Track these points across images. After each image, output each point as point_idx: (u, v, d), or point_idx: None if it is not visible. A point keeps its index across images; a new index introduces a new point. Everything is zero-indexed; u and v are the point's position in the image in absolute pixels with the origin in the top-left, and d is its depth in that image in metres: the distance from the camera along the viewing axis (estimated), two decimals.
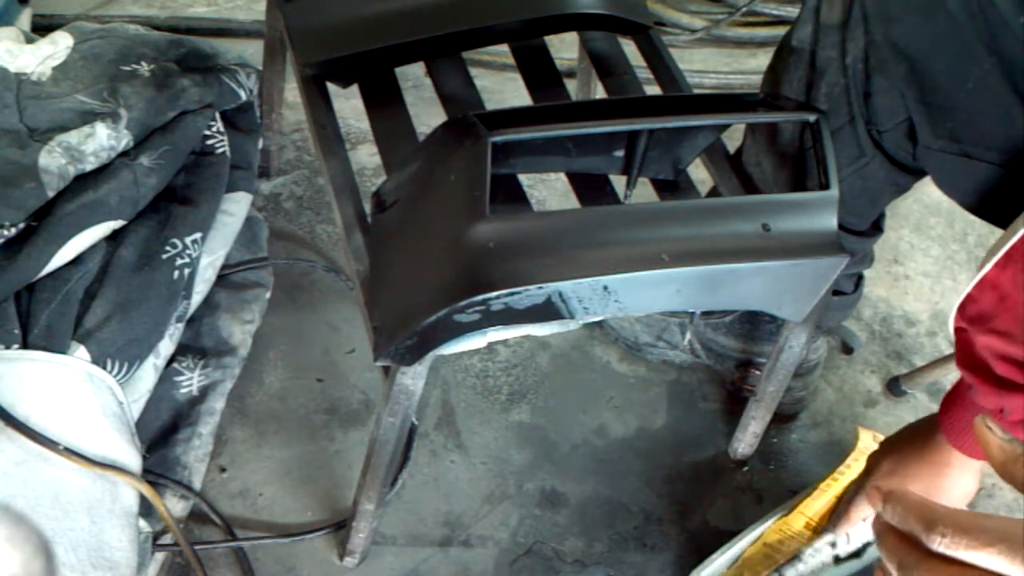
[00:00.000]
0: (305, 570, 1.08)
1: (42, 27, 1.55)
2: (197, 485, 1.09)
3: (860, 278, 1.20)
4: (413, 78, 1.54)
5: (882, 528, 0.54)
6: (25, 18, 1.46)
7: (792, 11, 1.84)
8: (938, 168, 0.93)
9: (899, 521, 0.52)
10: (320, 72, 1.02)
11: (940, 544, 0.50)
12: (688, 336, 1.27)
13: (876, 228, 1.11)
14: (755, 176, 1.07)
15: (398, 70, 1.05)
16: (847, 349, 1.35)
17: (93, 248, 1.05)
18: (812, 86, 0.98)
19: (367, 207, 0.93)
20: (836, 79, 0.95)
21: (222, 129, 1.20)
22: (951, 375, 1.31)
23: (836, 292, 1.17)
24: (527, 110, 0.86)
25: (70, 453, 0.94)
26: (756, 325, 1.23)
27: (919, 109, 0.90)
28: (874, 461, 1.03)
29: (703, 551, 1.07)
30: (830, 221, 0.84)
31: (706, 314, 1.25)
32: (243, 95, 1.21)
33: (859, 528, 1.05)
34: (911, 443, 1.00)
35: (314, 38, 1.01)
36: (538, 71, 1.10)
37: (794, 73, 1.00)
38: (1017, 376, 0.69)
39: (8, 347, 0.96)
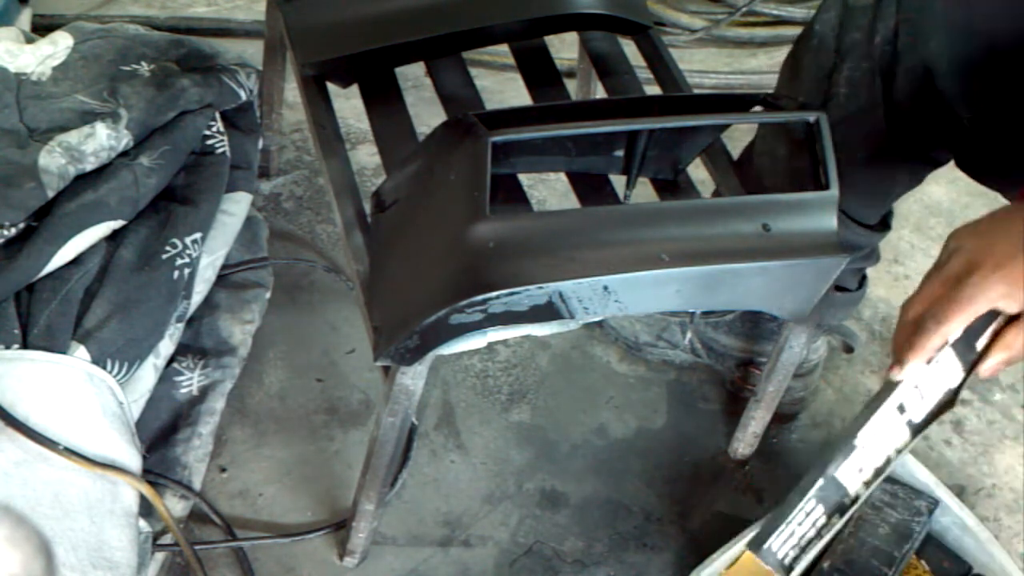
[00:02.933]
0: (305, 570, 1.08)
1: (42, 27, 1.54)
2: (197, 485, 1.09)
3: (864, 276, 1.20)
4: (413, 78, 1.53)
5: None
6: (25, 18, 1.46)
7: (792, 11, 1.85)
8: (963, 143, 0.91)
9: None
10: (320, 72, 1.02)
11: None
12: (688, 335, 1.27)
13: (884, 224, 1.11)
14: (766, 166, 1.06)
15: (398, 70, 1.04)
16: (847, 349, 1.35)
17: (93, 248, 1.05)
18: (834, 69, 0.97)
19: (367, 207, 0.93)
20: (859, 62, 0.94)
21: (222, 129, 1.20)
22: None
23: (841, 288, 1.17)
24: (527, 110, 0.86)
25: (70, 453, 0.94)
26: (756, 324, 1.23)
27: (956, 81, 0.87)
28: (982, 254, 0.80)
29: (703, 551, 1.07)
30: (830, 221, 0.84)
31: (706, 313, 1.25)
32: (243, 95, 1.21)
33: (933, 374, 0.74)
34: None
35: (314, 38, 1.01)
36: (538, 71, 1.10)
37: (815, 57, 0.98)
38: None
39: (8, 347, 0.96)
